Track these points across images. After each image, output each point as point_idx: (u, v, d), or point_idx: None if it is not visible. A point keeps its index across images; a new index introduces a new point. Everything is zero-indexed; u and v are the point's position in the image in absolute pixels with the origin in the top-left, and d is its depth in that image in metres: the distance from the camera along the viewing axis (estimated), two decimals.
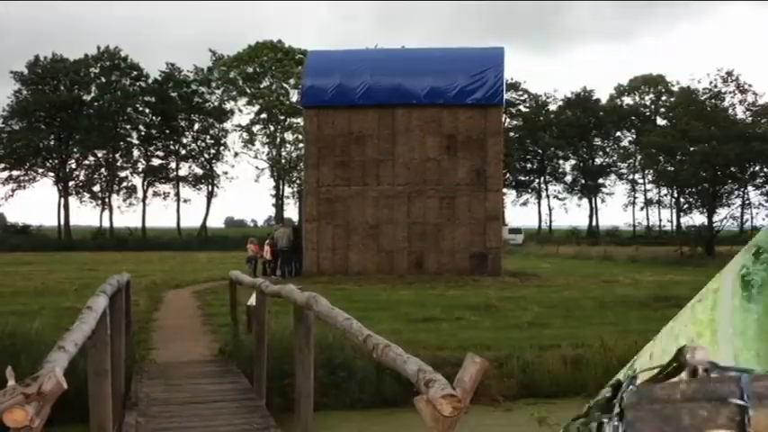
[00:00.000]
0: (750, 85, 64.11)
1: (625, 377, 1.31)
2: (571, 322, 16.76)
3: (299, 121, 66.96)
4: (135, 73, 74.85)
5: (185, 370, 11.13)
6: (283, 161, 75.32)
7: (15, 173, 72.28)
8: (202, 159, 78.76)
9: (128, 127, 76.02)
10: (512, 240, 66.10)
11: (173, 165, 78.47)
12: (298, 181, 72.54)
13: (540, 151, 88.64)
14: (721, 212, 47.65)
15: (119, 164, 75.61)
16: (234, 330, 13.40)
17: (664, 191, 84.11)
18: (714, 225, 45.18)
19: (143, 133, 76.59)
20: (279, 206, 77.34)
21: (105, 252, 58.60)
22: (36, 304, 18.95)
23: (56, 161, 72.92)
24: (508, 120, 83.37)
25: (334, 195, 29.42)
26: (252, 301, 12.55)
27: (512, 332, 15.33)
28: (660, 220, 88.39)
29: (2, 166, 71.55)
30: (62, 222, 73.05)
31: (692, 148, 47.41)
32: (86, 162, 74.72)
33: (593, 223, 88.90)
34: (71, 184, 73.69)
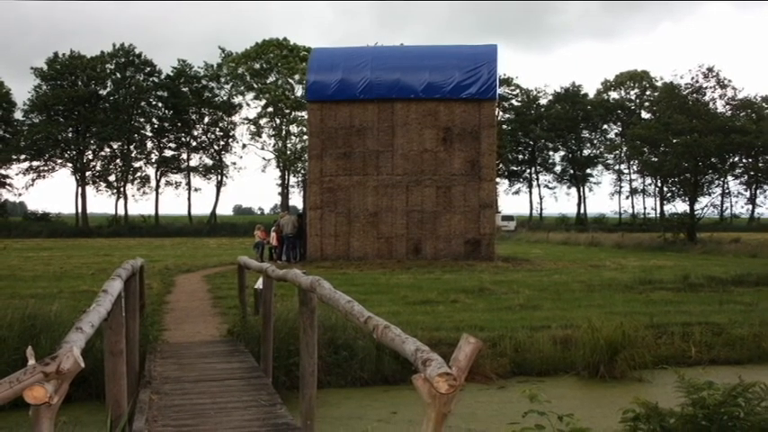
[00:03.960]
0: (730, 81, 63.95)
1: None
2: (560, 304, 16.77)
3: (304, 114, 66.95)
4: (148, 69, 74.63)
5: (196, 350, 11.12)
6: (288, 152, 75.20)
7: (35, 163, 72.28)
8: (212, 151, 78.72)
9: (142, 120, 75.92)
10: (504, 227, 66.12)
11: (184, 156, 78.52)
12: (302, 171, 72.54)
13: (531, 143, 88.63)
14: (702, 201, 47.70)
15: (133, 155, 75.51)
16: (242, 312, 13.37)
17: (648, 180, 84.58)
18: (696, 213, 45.18)
19: (156, 126, 76.51)
20: (284, 195, 77.33)
21: (120, 238, 58.70)
22: (55, 287, 18.97)
23: (74, 152, 72.78)
24: (501, 113, 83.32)
25: (336, 185, 29.39)
26: (259, 284, 12.54)
27: (504, 314, 15.33)
28: (644, 208, 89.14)
29: (23, 156, 71.51)
30: (79, 210, 73.07)
31: (674, 140, 47.36)
32: (102, 153, 74.61)
33: (582, 211, 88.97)
34: (88, 174, 73.56)
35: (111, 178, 75.09)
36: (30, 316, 11.20)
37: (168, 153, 77.94)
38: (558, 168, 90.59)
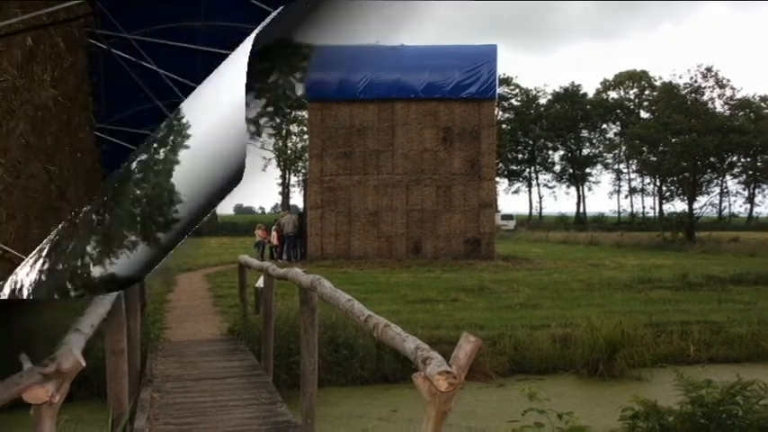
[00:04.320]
0: (728, 81, 64.27)
1: None
2: (560, 303, 16.77)
3: (304, 113, 66.92)
4: None
5: (197, 348, 11.11)
6: (289, 152, 75.21)
7: None
8: None
9: None
10: (504, 226, 66.02)
11: None
12: (303, 170, 72.52)
13: (530, 142, 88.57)
14: (701, 200, 47.78)
15: None
16: (243, 311, 13.36)
17: (647, 180, 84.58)
18: (694, 212, 45.19)
19: None
20: (285, 194, 77.35)
21: None
22: None
23: None
24: (501, 113, 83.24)
25: (336, 184, 29.38)
26: (260, 283, 12.52)
27: (504, 313, 15.34)
28: (643, 208, 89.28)
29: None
30: None
31: (673, 140, 47.42)
32: None
33: (581, 210, 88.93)
34: None
35: None
36: None
37: None
38: (557, 168, 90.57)
